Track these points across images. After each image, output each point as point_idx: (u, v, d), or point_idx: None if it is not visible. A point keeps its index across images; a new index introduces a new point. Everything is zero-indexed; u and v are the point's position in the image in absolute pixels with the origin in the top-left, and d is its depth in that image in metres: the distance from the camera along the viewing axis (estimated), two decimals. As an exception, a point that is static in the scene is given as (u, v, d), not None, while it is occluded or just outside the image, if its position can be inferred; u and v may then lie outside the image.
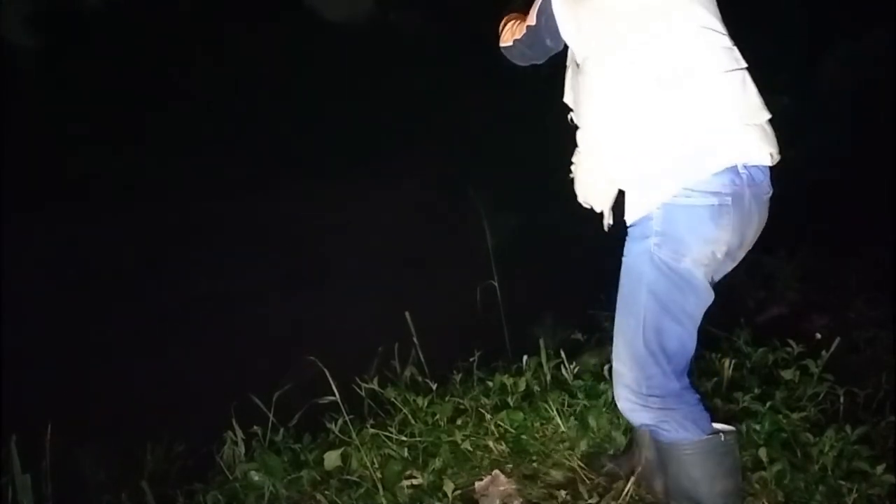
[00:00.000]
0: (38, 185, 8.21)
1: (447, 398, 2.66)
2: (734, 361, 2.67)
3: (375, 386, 2.64)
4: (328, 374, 2.36)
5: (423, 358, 2.81)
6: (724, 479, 1.80)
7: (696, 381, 1.85)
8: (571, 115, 1.90)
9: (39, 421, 2.41)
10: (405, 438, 2.47)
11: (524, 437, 2.47)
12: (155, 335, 4.52)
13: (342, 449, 2.40)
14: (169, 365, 4.06)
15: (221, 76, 11.10)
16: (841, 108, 6.05)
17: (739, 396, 2.47)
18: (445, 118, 9.06)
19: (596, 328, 2.93)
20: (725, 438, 1.80)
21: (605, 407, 2.51)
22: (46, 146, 9.45)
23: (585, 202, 1.94)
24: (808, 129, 5.44)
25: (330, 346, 2.59)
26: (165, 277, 5.62)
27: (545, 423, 2.53)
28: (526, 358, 2.77)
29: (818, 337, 2.73)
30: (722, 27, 1.73)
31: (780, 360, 2.69)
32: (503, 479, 2.26)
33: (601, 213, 1.91)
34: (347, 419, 2.44)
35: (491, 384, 2.70)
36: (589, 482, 2.23)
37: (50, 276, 5.83)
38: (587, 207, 1.94)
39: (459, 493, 2.21)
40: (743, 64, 1.72)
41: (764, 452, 2.16)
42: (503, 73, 2.49)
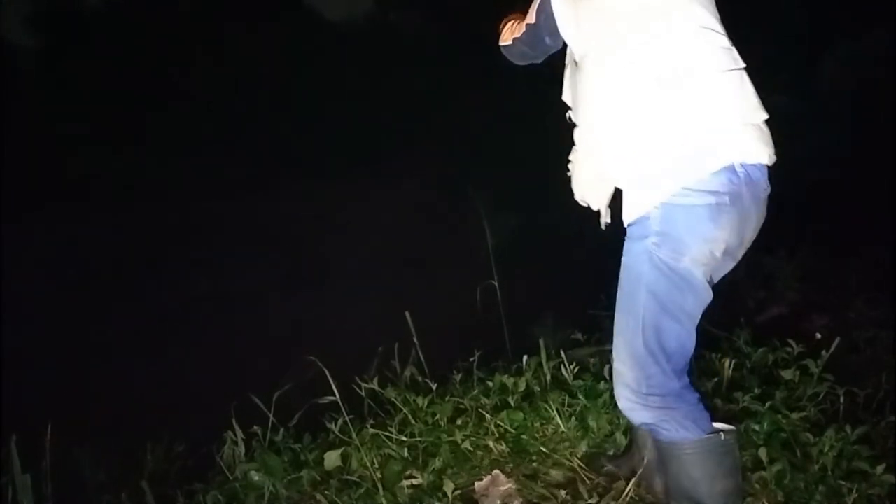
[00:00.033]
0: (38, 185, 8.22)
1: (447, 398, 2.66)
2: (734, 361, 2.67)
3: (375, 386, 2.64)
4: (328, 374, 2.36)
5: (423, 358, 2.81)
6: (724, 478, 1.80)
7: (696, 381, 1.85)
8: (570, 113, 1.90)
9: (39, 421, 2.41)
10: (405, 438, 2.47)
11: (524, 437, 2.47)
12: (155, 335, 4.52)
13: (342, 449, 2.39)
14: (169, 365, 4.06)
15: (221, 76, 11.10)
16: (841, 108, 6.05)
17: (739, 396, 2.47)
18: (445, 118, 9.07)
19: (596, 328, 2.93)
20: (725, 438, 1.80)
21: (604, 407, 2.51)
22: (46, 146, 9.46)
23: (582, 200, 1.94)
24: (808, 129, 5.44)
25: (330, 346, 2.58)
26: (165, 277, 5.63)
27: (545, 423, 2.53)
28: (526, 358, 2.76)
29: (818, 337, 2.73)
30: (721, 27, 1.73)
31: (780, 360, 2.69)
32: (503, 479, 2.26)
33: (598, 211, 1.92)
34: (347, 419, 2.44)
35: (491, 384, 2.70)
36: (589, 482, 2.23)
37: (50, 276, 5.84)
38: (584, 206, 1.94)
39: (459, 493, 2.20)
40: (741, 64, 1.72)
41: (764, 452, 2.15)
42: (503, 73, 2.49)
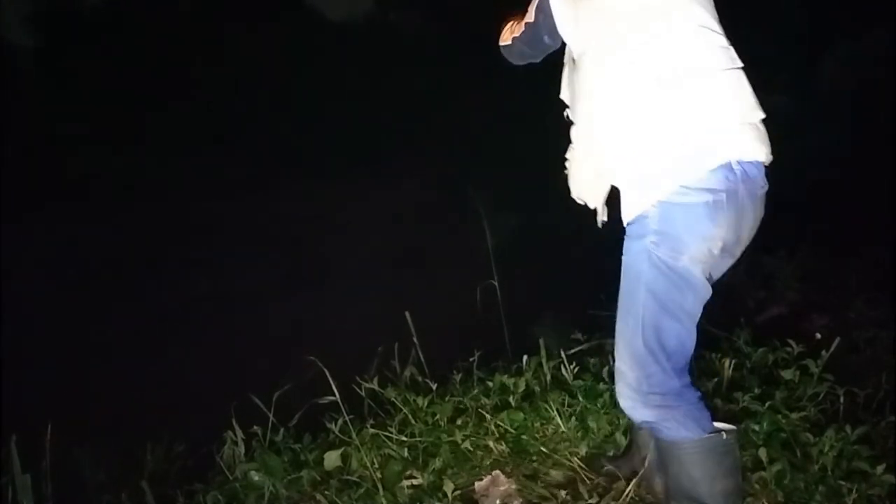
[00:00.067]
0: (38, 185, 8.22)
1: (447, 398, 2.66)
2: (734, 361, 2.67)
3: (375, 386, 2.64)
4: (328, 374, 2.36)
5: (423, 358, 2.81)
6: (724, 478, 1.80)
7: (696, 381, 1.85)
8: (567, 111, 1.91)
9: (39, 421, 2.41)
10: (405, 438, 2.46)
11: (524, 437, 2.47)
12: (155, 335, 4.52)
13: (342, 449, 2.39)
14: (169, 365, 4.06)
15: (221, 76, 11.11)
16: (841, 108, 6.05)
17: (739, 396, 2.47)
18: (445, 118, 9.07)
19: (596, 328, 2.93)
20: (726, 438, 1.80)
21: (605, 407, 2.51)
22: (46, 146, 9.46)
23: (579, 198, 1.94)
24: (808, 129, 5.44)
25: (330, 346, 2.58)
26: (165, 277, 5.62)
27: (545, 423, 2.53)
28: (526, 358, 2.76)
29: (818, 337, 2.73)
30: (719, 27, 1.74)
31: (780, 360, 2.69)
32: (503, 479, 2.26)
33: (595, 209, 1.92)
34: (347, 419, 2.44)
35: (491, 384, 2.70)
36: (589, 482, 2.23)
37: (50, 276, 5.83)
38: (581, 203, 1.94)
39: (459, 493, 2.20)
40: (739, 63, 1.73)
41: (764, 452, 2.16)
42: (503, 73, 2.49)
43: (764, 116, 1.73)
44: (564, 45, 1.84)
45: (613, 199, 1.83)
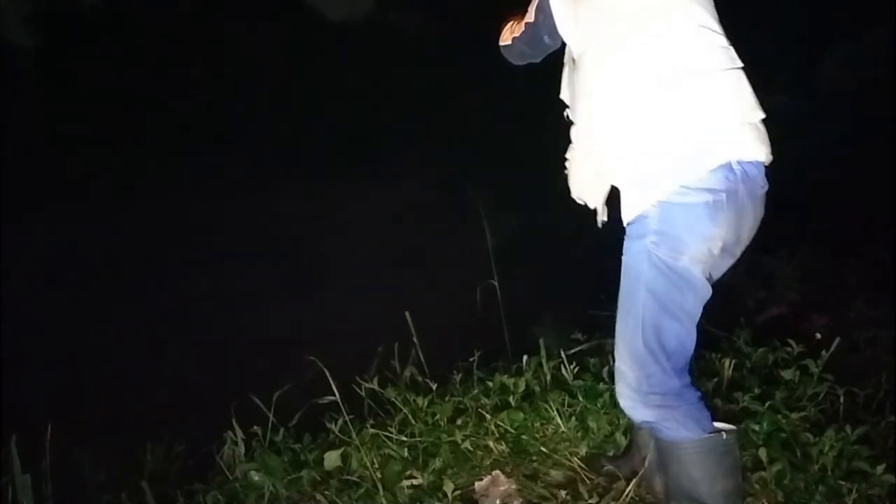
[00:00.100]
0: (38, 185, 8.22)
1: (447, 398, 2.66)
2: (734, 361, 2.67)
3: (375, 386, 2.64)
4: (328, 374, 2.36)
5: (423, 358, 2.81)
6: (724, 478, 1.80)
7: (696, 381, 1.85)
8: (567, 111, 1.91)
9: (39, 421, 2.41)
10: (405, 438, 2.47)
11: (524, 437, 2.47)
12: (155, 335, 4.52)
13: (342, 449, 2.39)
14: (169, 365, 4.06)
15: (221, 76, 11.11)
16: (841, 108, 6.05)
17: (739, 396, 2.47)
18: (445, 118, 9.07)
19: (596, 328, 2.93)
20: (726, 437, 1.80)
21: (604, 407, 2.51)
22: (46, 146, 9.46)
23: (579, 198, 1.95)
24: (808, 129, 5.44)
25: (330, 346, 2.59)
26: (165, 277, 5.62)
27: (545, 423, 2.53)
28: (526, 358, 2.77)
29: (818, 337, 2.73)
30: (719, 26, 1.74)
31: (780, 360, 2.69)
32: (503, 479, 2.26)
33: (595, 209, 1.92)
34: (347, 419, 2.44)
35: (491, 384, 2.70)
36: (589, 482, 2.23)
37: (50, 276, 5.83)
38: (581, 203, 1.95)
39: (459, 493, 2.20)
40: (739, 63, 1.73)
41: (764, 452, 2.16)
42: (503, 73, 2.49)
43: (764, 116, 1.73)
44: (564, 45, 1.85)
45: (613, 199, 1.83)
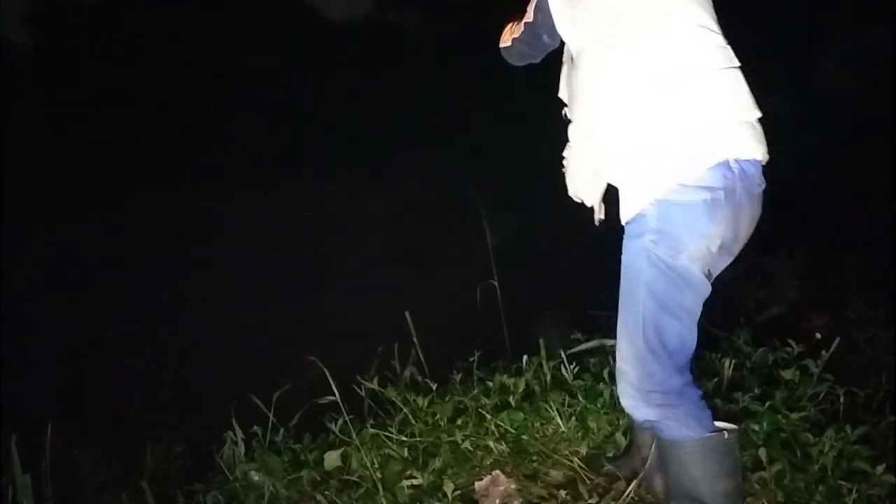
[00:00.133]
0: (38, 185, 8.22)
1: (447, 398, 2.66)
2: (734, 361, 2.67)
3: (375, 386, 2.64)
4: (328, 374, 2.36)
5: (423, 358, 2.81)
6: (725, 478, 1.80)
7: (696, 381, 1.85)
8: (566, 110, 1.91)
9: (39, 421, 2.41)
10: (405, 438, 2.46)
11: (524, 437, 2.47)
12: (155, 335, 4.52)
13: (342, 449, 2.39)
14: (169, 365, 4.06)
15: (221, 76, 11.11)
16: (840, 108, 6.05)
17: (739, 396, 2.47)
18: (445, 118, 9.07)
19: (596, 328, 2.93)
20: (727, 437, 1.80)
21: (605, 407, 2.51)
22: (46, 146, 9.46)
23: (576, 196, 1.95)
24: (808, 129, 5.44)
25: (330, 346, 2.58)
26: (165, 277, 5.62)
27: (545, 423, 2.53)
28: (526, 358, 2.77)
29: (818, 337, 2.73)
30: (717, 26, 1.75)
31: (780, 360, 2.69)
32: (503, 479, 2.26)
33: (592, 207, 1.93)
34: (347, 419, 2.44)
35: (491, 384, 2.70)
36: (589, 482, 2.23)
37: (50, 276, 5.83)
38: (578, 201, 1.95)
39: (459, 493, 2.20)
40: (737, 63, 1.74)
41: (764, 452, 2.15)
42: (503, 73, 2.49)
43: (760, 115, 1.74)
44: (563, 43, 1.85)
45: (612, 198, 1.83)
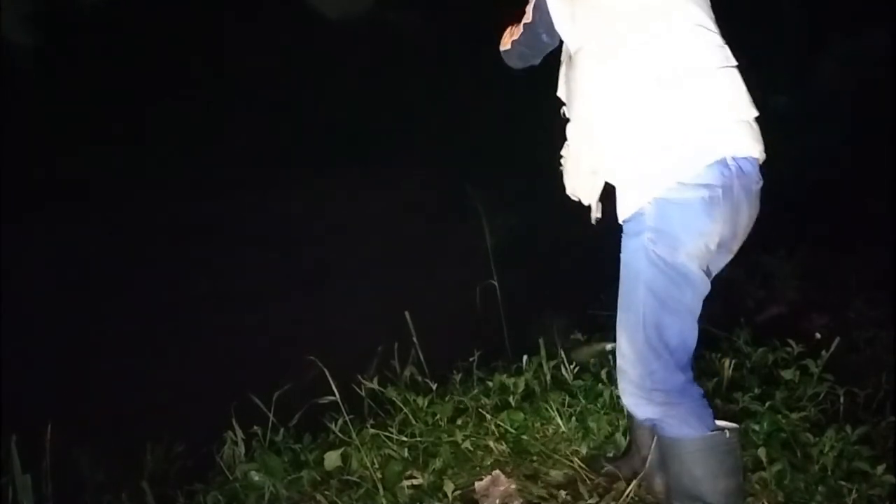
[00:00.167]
0: (38, 185, 8.21)
1: (447, 398, 2.67)
2: (734, 361, 2.68)
3: (375, 386, 2.64)
4: (328, 374, 2.36)
5: (423, 358, 2.81)
6: (726, 477, 1.80)
7: (696, 381, 1.85)
8: (564, 109, 1.92)
9: (39, 421, 2.41)
10: (405, 438, 2.47)
11: (524, 437, 2.47)
12: (155, 335, 4.51)
13: (342, 449, 2.39)
14: (169, 365, 4.06)
15: (221, 76, 11.10)
16: (841, 108, 6.05)
17: (739, 396, 2.47)
18: (445, 118, 9.07)
19: (596, 328, 2.93)
20: (729, 436, 1.80)
21: (605, 408, 2.51)
22: (46, 146, 9.45)
23: (573, 194, 1.95)
24: (808, 129, 5.44)
25: (330, 346, 2.59)
26: (165, 277, 5.62)
27: (545, 423, 2.53)
28: (526, 358, 2.77)
29: (818, 337, 2.73)
30: (715, 25, 1.76)
31: (780, 360, 2.69)
32: (503, 479, 2.26)
33: (590, 206, 1.93)
34: (347, 419, 2.44)
35: (491, 384, 2.70)
36: (589, 482, 2.23)
37: (50, 276, 5.83)
38: (575, 200, 1.95)
39: (460, 493, 2.21)
40: (734, 62, 1.75)
41: (764, 452, 2.16)
42: (503, 72, 2.49)
43: (757, 114, 1.75)
44: (562, 43, 1.86)
45: (610, 196, 1.84)
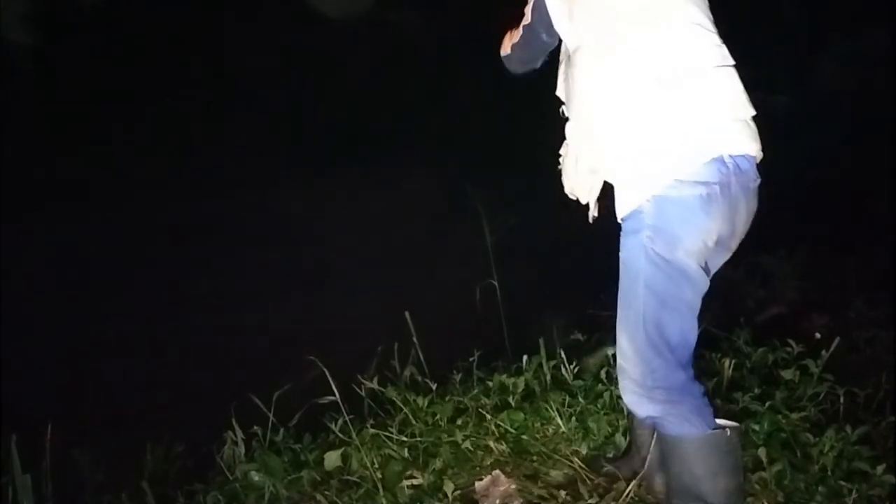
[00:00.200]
0: (38, 185, 8.21)
1: (447, 398, 2.67)
2: (734, 361, 2.67)
3: (375, 386, 2.64)
4: (328, 374, 2.36)
5: (423, 358, 2.81)
6: (726, 476, 1.80)
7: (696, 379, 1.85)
8: (563, 108, 1.92)
9: (39, 421, 2.41)
10: (405, 438, 2.47)
11: (524, 437, 2.47)
12: (155, 335, 4.51)
13: (342, 449, 2.39)
14: (169, 365, 4.06)
15: (221, 76, 11.10)
16: (840, 108, 6.05)
17: (739, 396, 2.47)
18: (445, 118, 9.07)
19: (596, 328, 2.93)
20: (730, 434, 1.80)
21: (605, 408, 2.51)
22: (46, 146, 9.45)
23: (572, 193, 1.96)
24: (807, 128, 5.45)
25: (330, 346, 2.59)
26: (165, 277, 5.61)
27: (545, 423, 2.53)
28: (526, 358, 2.77)
29: (818, 337, 2.73)
30: (713, 25, 1.76)
31: (779, 359, 2.69)
32: (503, 479, 2.26)
33: (587, 204, 1.93)
34: (347, 419, 2.44)
35: (491, 384, 2.70)
36: (589, 482, 2.23)
37: (50, 276, 5.83)
38: (573, 198, 1.95)
39: (460, 493, 2.21)
40: (731, 61, 1.76)
41: (764, 452, 2.16)
42: (502, 72, 2.49)
43: (755, 113, 1.75)
44: (561, 42, 1.86)
45: (608, 195, 1.84)
